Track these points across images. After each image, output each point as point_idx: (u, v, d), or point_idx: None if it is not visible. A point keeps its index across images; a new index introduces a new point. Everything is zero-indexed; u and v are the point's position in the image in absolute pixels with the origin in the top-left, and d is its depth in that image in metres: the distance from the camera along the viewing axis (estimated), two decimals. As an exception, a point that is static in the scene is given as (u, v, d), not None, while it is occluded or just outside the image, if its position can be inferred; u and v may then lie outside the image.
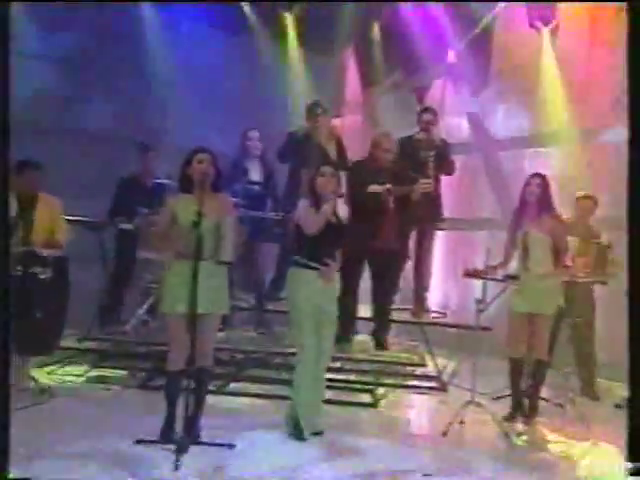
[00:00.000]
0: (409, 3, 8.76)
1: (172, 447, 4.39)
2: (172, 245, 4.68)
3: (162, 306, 4.80)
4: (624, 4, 2.72)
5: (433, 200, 7.18)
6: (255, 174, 6.79)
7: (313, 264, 4.95)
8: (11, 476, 2.63)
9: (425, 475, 4.20)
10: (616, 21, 7.21)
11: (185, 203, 4.64)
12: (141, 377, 6.11)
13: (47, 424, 4.94)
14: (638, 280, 2.50)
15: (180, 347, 4.61)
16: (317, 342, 4.98)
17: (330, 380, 5.55)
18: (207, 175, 4.63)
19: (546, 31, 8.07)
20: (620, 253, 6.43)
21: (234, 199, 6.22)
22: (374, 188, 6.37)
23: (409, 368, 6.84)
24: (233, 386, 6.12)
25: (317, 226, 4.91)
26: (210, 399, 4.92)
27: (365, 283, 6.80)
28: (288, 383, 5.28)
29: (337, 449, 4.82)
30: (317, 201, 4.96)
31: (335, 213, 5.08)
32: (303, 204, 5.04)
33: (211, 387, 5.20)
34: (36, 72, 7.86)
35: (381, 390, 6.30)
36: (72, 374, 6.19)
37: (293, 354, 5.28)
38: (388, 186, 6.38)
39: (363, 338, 7.16)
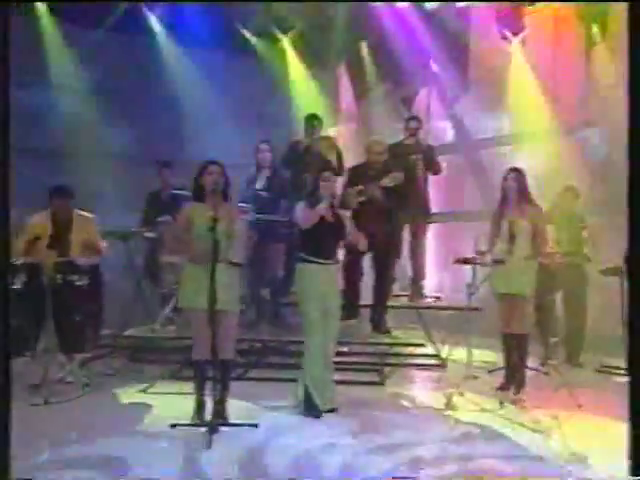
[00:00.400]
0: (393, 20, 8.78)
1: (203, 429, 4.46)
2: (188, 248, 4.72)
3: (180, 302, 4.87)
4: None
5: (422, 197, 7.28)
6: (264, 182, 6.83)
7: (316, 259, 5.02)
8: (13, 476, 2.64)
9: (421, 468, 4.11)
10: (579, 27, 7.27)
11: (199, 210, 4.70)
12: (171, 369, 6.13)
13: (102, 407, 5.17)
14: (638, 282, 2.19)
15: (202, 339, 4.62)
16: (323, 328, 5.03)
17: (339, 363, 5.57)
18: (218, 185, 4.69)
19: (516, 41, 8.16)
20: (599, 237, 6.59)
21: (246, 205, 6.33)
22: (349, 191, 6.44)
23: (410, 348, 6.89)
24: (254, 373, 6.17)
25: (310, 221, 4.97)
26: (233, 385, 4.96)
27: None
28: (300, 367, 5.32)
29: (355, 425, 4.85)
30: (314, 201, 5.02)
31: (335, 212, 5.12)
32: (300, 205, 5.10)
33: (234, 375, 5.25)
34: (69, 103, 7.92)
35: (387, 369, 6.37)
36: (111, 367, 6.25)
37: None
38: (359, 187, 6.44)
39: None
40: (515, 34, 8.13)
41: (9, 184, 2.47)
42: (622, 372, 6.13)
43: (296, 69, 9.36)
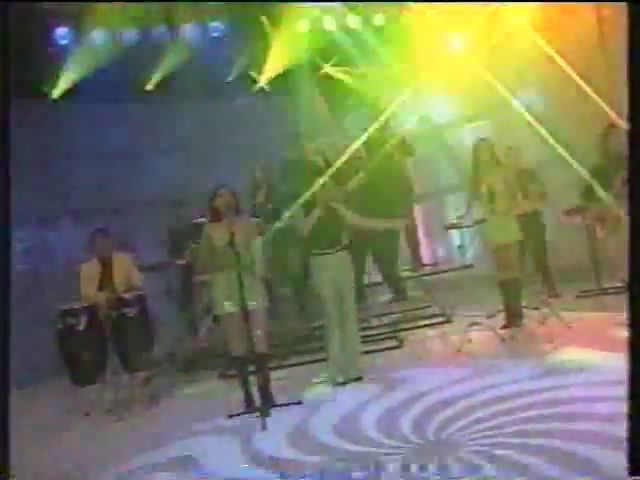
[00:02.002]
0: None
1: (256, 414, 4.57)
2: (213, 263, 4.85)
3: (216, 310, 4.97)
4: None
5: (406, 181, 7.42)
6: (266, 198, 6.97)
7: (323, 251, 5.15)
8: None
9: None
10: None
11: (217, 229, 4.83)
12: (219, 370, 6.18)
13: (168, 414, 5.26)
14: (638, 285, 2.10)
15: (236, 338, 4.79)
16: (339, 309, 5.14)
17: (361, 337, 5.62)
18: (230, 204, 4.83)
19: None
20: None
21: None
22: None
23: (419, 311, 7.00)
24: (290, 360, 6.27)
25: (307, 227, 5.11)
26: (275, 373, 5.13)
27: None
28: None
29: (383, 385, 4.98)
30: (309, 208, 5.15)
31: (332, 210, 5.20)
32: (299, 211, 5.30)
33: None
34: (91, 166, 8.08)
35: (402, 333, 6.48)
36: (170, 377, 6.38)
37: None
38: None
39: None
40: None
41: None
42: (598, 292, 6.28)
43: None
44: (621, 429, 2.44)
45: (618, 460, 2.64)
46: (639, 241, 2.09)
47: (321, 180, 5.37)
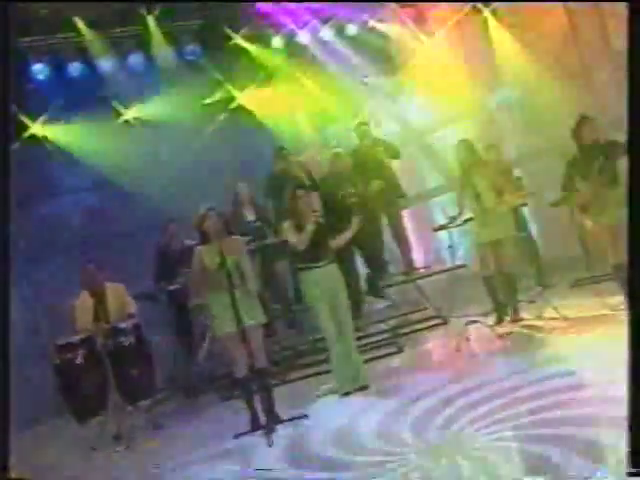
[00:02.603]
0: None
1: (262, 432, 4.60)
2: (207, 286, 4.87)
3: (215, 331, 4.99)
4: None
5: (394, 185, 7.49)
6: (250, 215, 7.00)
7: (312, 264, 5.15)
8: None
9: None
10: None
11: (208, 252, 4.84)
12: (222, 393, 6.15)
13: (174, 440, 5.26)
14: (638, 286, 2.07)
15: (238, 357, 4.80)
16: (335, 321, 5.14)
17: (360, 346, 5.68)
18: (218, 226, 4.85)
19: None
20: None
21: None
22: None
23: (416, 315, 7.02)
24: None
25: (304, 244, 5.10)
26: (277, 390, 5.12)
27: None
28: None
29: (386, 390, 5.04)
30: (299, 222, 5.14)
31: (317, 223, 5.19)
32: (287, 226, 5.20)
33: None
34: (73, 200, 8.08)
35: (401, 339, 6.50)
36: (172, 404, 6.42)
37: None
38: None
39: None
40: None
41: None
42: (592, 280, 6.33)
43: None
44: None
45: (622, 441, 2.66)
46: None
47: (306, 195, 5.38)
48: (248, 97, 8.50)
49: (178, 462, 4.61)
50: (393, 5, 8.33)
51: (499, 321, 5.90)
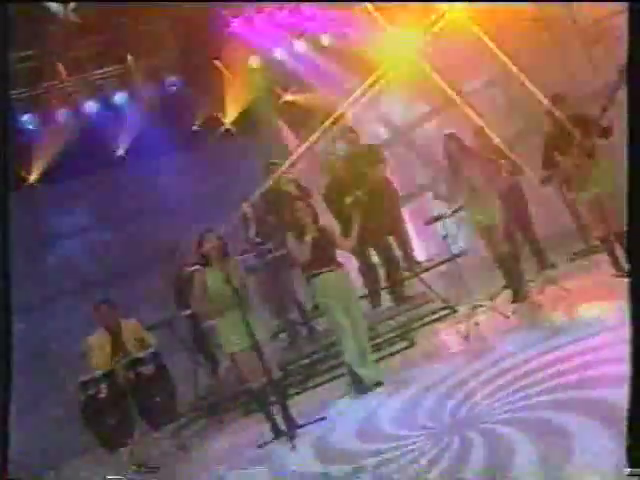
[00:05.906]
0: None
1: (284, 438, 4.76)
2: (213, 308, 5.03)
3: (227, 349, 5.09)
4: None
5: (389, 186, 7.66)
6: (254, 231, 7.18)
7: (320, 270, 5.30)
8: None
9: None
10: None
11: (210, 273, 5.00)
12: (242, 408, 6.29)
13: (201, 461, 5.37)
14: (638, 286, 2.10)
15: (252, 372, 4.94)
16: (349, 321, 5.27)
17: (374, 345, 5.88)
18: (218, 247, 5.01)
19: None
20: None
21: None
22: None
23: (424, 308, 7.13)
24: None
25: (305, 254, 5.25)
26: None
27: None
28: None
29: (403, 382, 5.17)
30: (299, 233, 5.31)
31: (320, 230, 5.37)
32: (290, 240, 5.37)
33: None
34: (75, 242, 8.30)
35: (412, 333, 6.63)
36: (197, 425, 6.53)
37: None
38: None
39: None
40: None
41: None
42: (588, 251, 6.48)
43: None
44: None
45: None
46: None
47: (304, 205, 5.55)
48: (234, 119, 8.71)
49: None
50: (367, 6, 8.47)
51: (515, 300, 6.01)
